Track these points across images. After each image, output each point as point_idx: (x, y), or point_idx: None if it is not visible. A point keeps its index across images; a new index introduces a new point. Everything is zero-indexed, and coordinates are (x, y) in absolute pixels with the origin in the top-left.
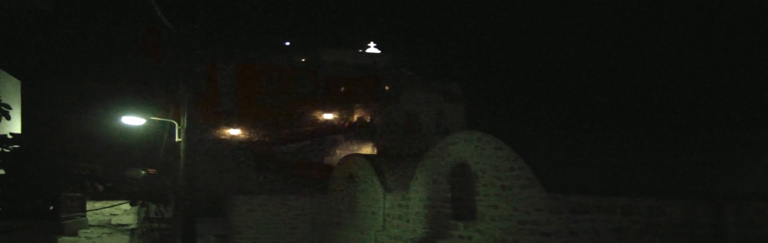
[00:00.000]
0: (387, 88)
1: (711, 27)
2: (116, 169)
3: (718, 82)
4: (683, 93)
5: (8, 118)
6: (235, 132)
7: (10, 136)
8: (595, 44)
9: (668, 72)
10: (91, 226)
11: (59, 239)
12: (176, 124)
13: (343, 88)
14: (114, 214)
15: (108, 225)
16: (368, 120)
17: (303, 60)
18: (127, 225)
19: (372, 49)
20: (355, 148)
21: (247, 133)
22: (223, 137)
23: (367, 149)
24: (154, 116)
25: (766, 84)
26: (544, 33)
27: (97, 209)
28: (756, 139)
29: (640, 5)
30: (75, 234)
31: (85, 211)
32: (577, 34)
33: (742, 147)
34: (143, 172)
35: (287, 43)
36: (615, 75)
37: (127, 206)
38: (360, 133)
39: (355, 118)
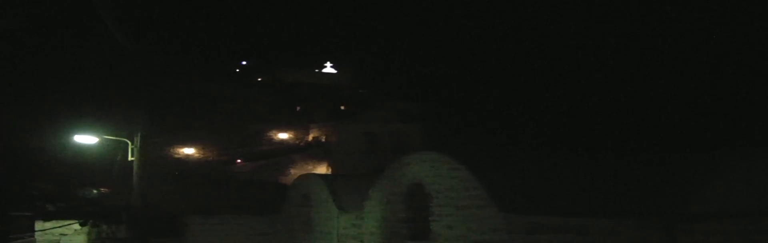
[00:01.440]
0: (343, 107)
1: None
2: (69, 188)
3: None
4: (639, 116)
5: None
6: (189, 151)
7: None
8: (552, 66)
9: (625, 95)
10: None
11: None
12: (130, 143)
13: (298, 108)
14: (64, 235)
15: None
16: (324, 139)
17: (259, 79)
18: None
19: (329, 69)
20: (311, 167)
21: (203, 152)
22: (177, 156)
23: (323, 168)
24: (109, 135)
25: (716, 109)
26: (503, 53)
27: (46, 229)
28: (708, 161)
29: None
30: None
31: (33, 231)
32: (534, 56)
33: (695, 169)
34: (96, 191)
35: (244, 63)
36: (573, 98)
37: (77, 226)
38: (315, 152)
39: (311, 137)
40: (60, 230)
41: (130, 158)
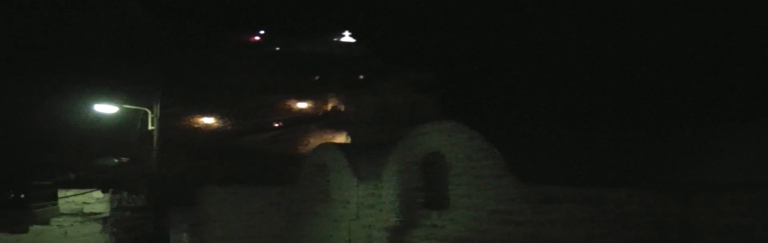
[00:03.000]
0: (361, 77)
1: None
2: (89, 157)
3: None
4: (659, 89)
5: None
6: (208, 120)
7: None
8: (574, 38)
9: (646, 68)
10: (62, 214)
11: (31, 228)
12: (149, 112)
13: (316, 77)
14: (86, 203)
15: (80, 213)
16: (342, 109)
17: (277, 49)
18: (99, 213)
19: (347, 38)
20: (329, 137)
21: (220, 122)
22: (196, 126)
23: (341, 138)
24: (128, 105)
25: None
26: (523, 23)
27: (67, 196)
28: (725, 133)
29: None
30: (46, 222)
31: (56, 199)
32: (556, 27)
33: (711, 140)
34: (116, 160)
35: (261, 32)
36: (592, 70)
37: (99, 194)
38: (333, 122)
39: (329, 107)
40: (82, 198)
41: (149, 127)
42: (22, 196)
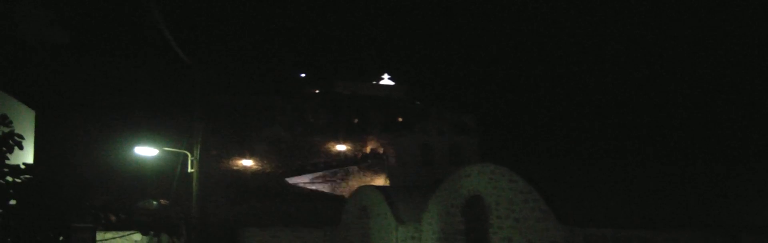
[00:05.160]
0: (400, 119)
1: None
2: (130, 200)
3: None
4: (699, 126)
5: (21, 148)
6: (247, 163)
7: (22, 166)
8: (614, 76)
9: (687, 106)
10: None
11: None
12: (189, 155)
13: (356, 120)
14: None
15: None
16: (381, 151)
17: (317, 91)
18: None
19: (386, 80)
20: (368, 179)
21: (260, 164)
22: (235, 168)
23: (380, 180)
24: (168, 147)
25: None
26: (561, 65)
27: (107, 239)
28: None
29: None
30: None
31: (95, 241)
32: (595, 67)
33: (755, 180)
34: (156, 202)
35: (303, 75)
36: (631, 108)
37: (138, 237)
38: (373, 164)
39: (368, 149)
40: (121, 241)
41: (189, 170)
42: (61, 238)
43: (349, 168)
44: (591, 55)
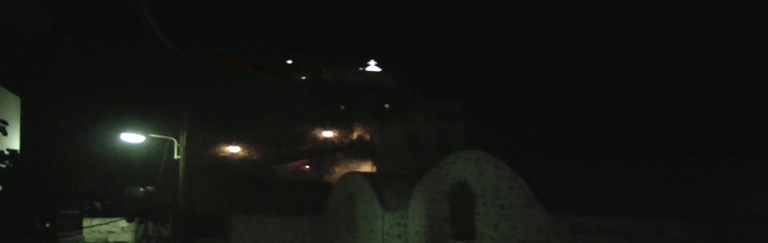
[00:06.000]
0: (387, 106)
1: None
2: (116, 187)
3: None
4: (688, 117)
5: (5, 133)
6: (234, 149)
7: (7, 152)
8: (601, 65)
9: (674, 96)
10: None
11: None
12: (175, 142)
13: (343, 107)
14: (111, 232)
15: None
16: (368, 138)
17: (303, 78)
18: (124, 242)
19: (373, 67)
20: (355, 166)
21: (247, 151)
22: (222, 155)
23: (367, 167)
24: (154, 134)
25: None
26: (549, 53)
27: (93, 226)
28: (755, 163)
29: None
30: None
31: (81, 228)
32: (583, 55)
33: (745, 170)
34: (142, 189)
35: (289, 62)
36: (620, 98)
37: (124, 223)
38: (360, 151)
39: (355, 136)
40: (107, 228)
41: (175, 157)
42: (48, 225)
43: (335, 154)
44: (578, 41)
